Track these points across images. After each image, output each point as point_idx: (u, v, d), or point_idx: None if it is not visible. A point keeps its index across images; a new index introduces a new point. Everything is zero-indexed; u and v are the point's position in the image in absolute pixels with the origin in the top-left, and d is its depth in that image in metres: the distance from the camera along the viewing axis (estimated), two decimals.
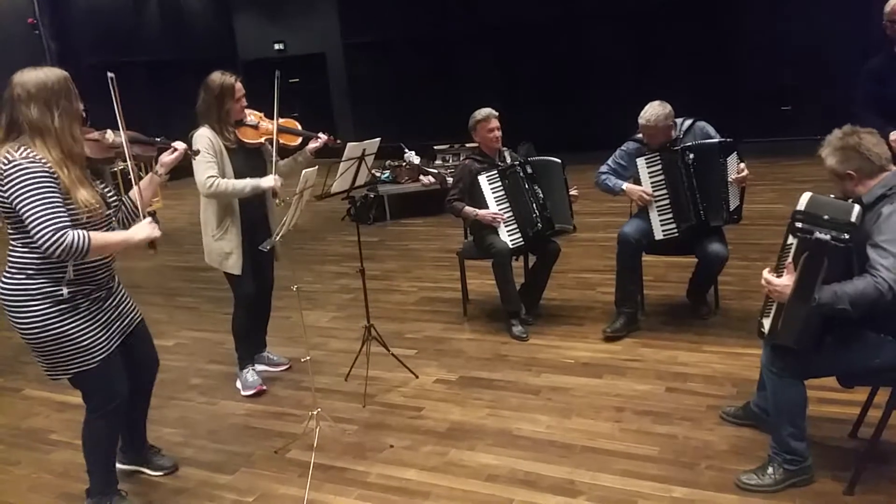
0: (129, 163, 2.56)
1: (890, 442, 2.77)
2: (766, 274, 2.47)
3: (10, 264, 2.45)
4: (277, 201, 3.45)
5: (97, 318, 2.56)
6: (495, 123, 4.25)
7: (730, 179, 3.85)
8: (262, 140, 3.56)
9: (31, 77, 2.36)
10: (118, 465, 3.01)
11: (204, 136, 3.41)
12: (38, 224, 2.26)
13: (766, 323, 2.56)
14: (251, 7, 13.99)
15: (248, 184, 3.43)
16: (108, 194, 2.60)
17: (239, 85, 3.50)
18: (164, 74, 11.46)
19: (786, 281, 2.38)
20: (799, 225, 2.35)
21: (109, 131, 2.58)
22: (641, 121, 3.88)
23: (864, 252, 2.33)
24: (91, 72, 9.79)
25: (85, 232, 2.32)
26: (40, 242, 2.26)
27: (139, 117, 2.69)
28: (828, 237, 2.26)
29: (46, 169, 2.31)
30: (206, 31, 13.65)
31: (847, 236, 2.25)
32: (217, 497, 2.90)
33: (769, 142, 3.75)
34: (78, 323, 2.48)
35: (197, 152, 3.16)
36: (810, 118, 9.94)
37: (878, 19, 3.61)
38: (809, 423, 2.67)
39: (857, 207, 2.32)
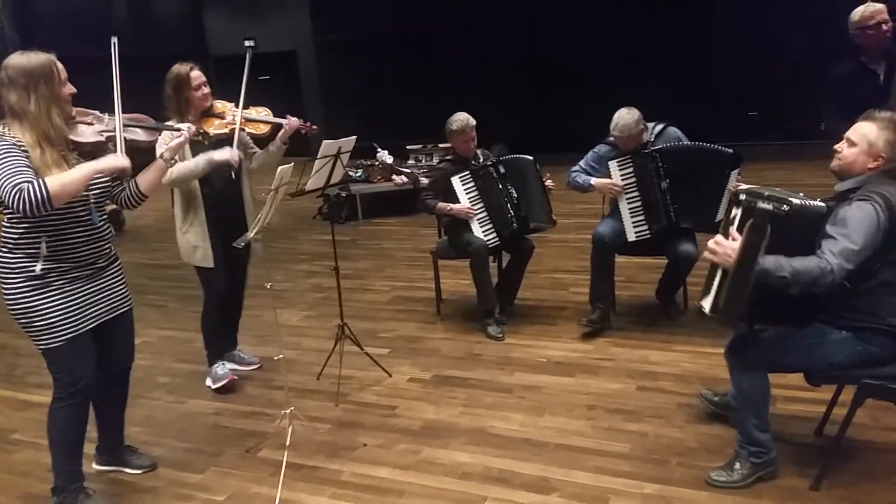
0: (119, 144, 2.51)
1: (854, 439, 2.83)
2: (712, 241, 2.45)
3: None
4: (234, 171, 3.38)
5: (69, 297, 2.54)
6: (471, 135, 4.25)
7: (730, 187, 3.83)
8: (229, 130, 3.45)
9: (14, 62, 2.40)
10: (95, 467, 2.98)
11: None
12: (3, 186, 2.27)
13: (707, 303, 2.57)
14: (222, 3, 13.83)
15: (200, 159, 3.31)
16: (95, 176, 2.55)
17: (196, 73, 3.42)
18: (133, 69, 11.26)
19: (733, 244, 2.38)
20: (742, 197, 2.44)
21: (107, 115, 2.59)
22: (615, 132, 3.91)
23: (816, 242, 2.36)
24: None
25: (38, 179, 2.30)
26: (7, 202, 2.28)
27: (108, 112, 2.66)
28: (769, 206, 2.31)
29: (17, 144, 2.35)
30: (176, 26, 13.45)
31: (787, 208, 2.28)
32: (187, 496, 2.86)
33: (736, 146, 3.83)
34: (46, 300, 2.49)
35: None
36: (777, 124, 10.21)
37: (842, 27, 3.70)
38: (777, 421, 2.73)
39: (798, 195, 2.34)
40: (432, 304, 4.80)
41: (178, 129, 2.85)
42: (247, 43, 3.38)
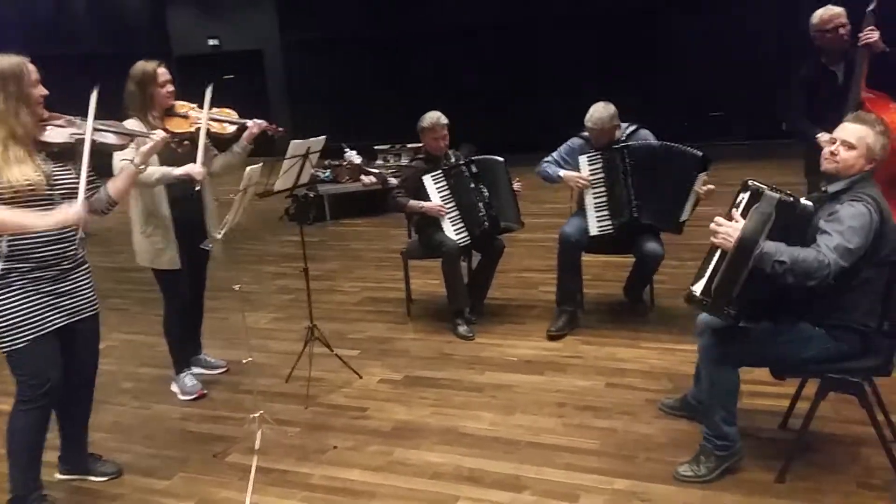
0: (85, 154, 2.48)
1: (818, 432, 2.90)
2: (713, 222, 2.51)
3: None
4: (213, 198, 3.34)
5: (32, 297, 2.50)
6: (441, 133, 4.25)
7: (699, 190, 3.86)
8: (193, 130, 3.33)
9: None
10: (58, 476, 2.91)
11: (130, 124, 3.26)
12: None
13: (699, 286, 2.60)
14: (186, 1, 13.61)
15: (157, 171, 3.22)
16: (61, 175, 2.55)
17: (162, 70, 3.35)
18: (94, 68, 11.03)
19: (735, 225, 2.45)
20: (751, 182, 2.52)
21: (78, 119, 2.57)
22: (588, 123, 3.97)
23: (808, 241, 2.42)
24: None
25: None
26: None
27: (67, 110, 2.63)
28: (778, 194, 2.42)
29: None
30: (138, 24, 13.20)
31: (793, 198, 2.39)
32: (155, 503, 2.80)
33: (700, 146, 3.90)
34: (8, 300, 2.45)
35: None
36: (739, 124, 10.41)
37: (804, 28, 3.78)
38: (742, 416, 2.77)
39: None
40: (402, 305, 4.78)
41: (150, 136, 2.82)
42: (208, 91, 3.29)
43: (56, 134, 2.55)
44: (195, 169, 3.15)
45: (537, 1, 11.00)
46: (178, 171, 3.21)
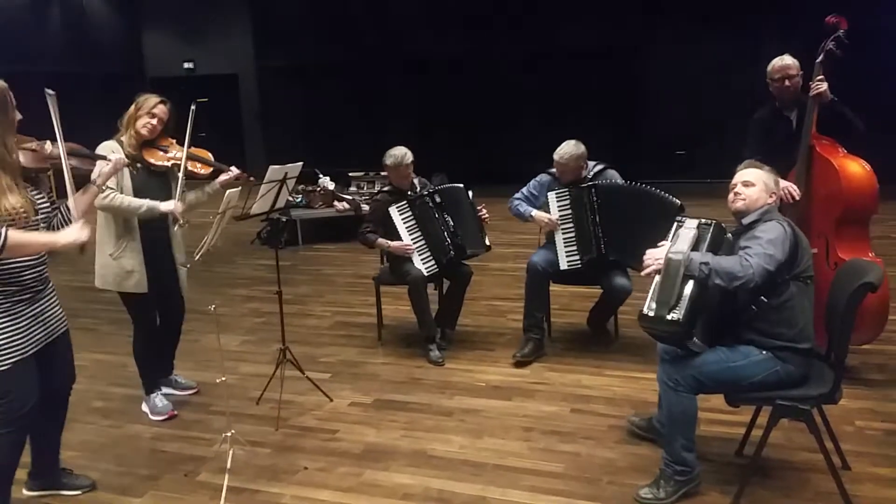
0: (66, 174, 2.54)
1: (771, 458, 3.04)
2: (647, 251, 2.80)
3: None
4: (179, 224, 3.40)
5: (15, 320, 2.52)
6: (406, 171, 4.35)
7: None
8: (170, 164, 3.48)
9: None
10: (27, 493, 2.91)
11: (107, 147, 3.35)
12: None
13: (646, 305, 2.76)
14: (161, 22, 13.66)
15: (144, 204, 3.35)
16: (41, 202, 2.60)
17: (159, 108, 3.46)
18: (67, 87, 10.98)
19: (661, 249, 2.74)
20: (679, 217, 2.94)
21: (48, 142, 2.57)
22: (556, 157, 4.14)
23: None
24: None
25: (3, 229, 2.30)
26: None
27: (39, 130, 2.66)
28: (697, 219, 2.82)
29: None
30: (113, 45, 13.19)
31: (713, 222, 2.77)
32: None
33: (665, 184, 4.10)
34: None
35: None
36: (702, 163, 10.76)
37: (761, 74, 4.00)
38: (700, 442, 2.90)
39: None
40: (373, 330, 4.85)
41: (108, 159, 2.89)
42: (192, 107, 3.45)
43: (31, 159, 2.56)
44: (177, 206, 3.36)
45: (512, 34, 11.31)
46: (163, 206, 3.36)
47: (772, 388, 2.70)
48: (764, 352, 2.71)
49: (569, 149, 4.11)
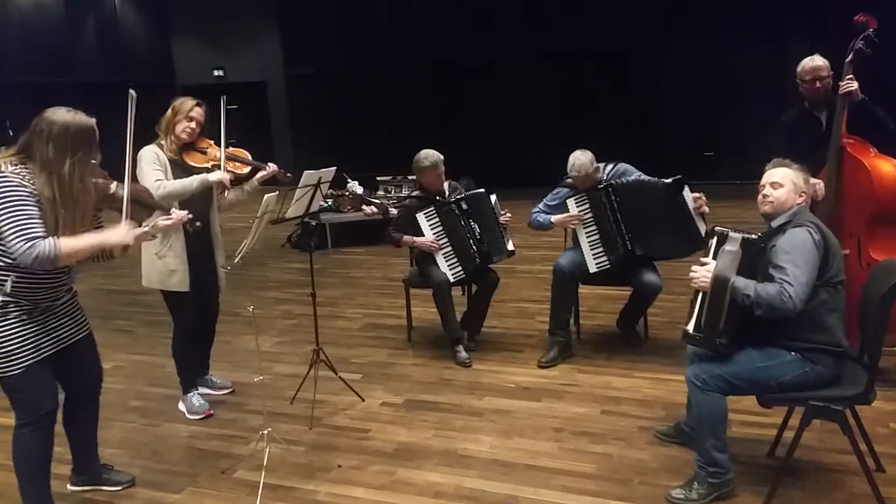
0: (123, 217, 2.59)
1: (803, 460, 3.03)
2: (693, 266, 2.81)
3: None
4: (194, 225, 3.46)
5: (27, 326, 2.58)
6: (441, 170, 4.39)
7: (692, 207, 4.08)
8: (209, 165, 3.60)
9: (58, 118, 2.45)
10: (70, 487, 2.99)
11: (148, 151, 3.49)
12: (13, 234, 2.34)
13: (691, 325, 2.83)
14: (191, 32, 13.92)
15: (195, 178, 3.47)
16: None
17: (197, 111, 3.58)
18: (101, 96, 11.24)
19: (708, 267, 2.75)
20: (717, 228, 2.88)
21: (115, 183, 2.65)
22: (572, 172, 4.16)
23: (767, 273, 2.68)
24: (23, 91, 9.55)
25: (54, 239, 2.39)
26: (14, 251, 2.35)
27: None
28: (741, 234, 2.77)
29: (34, 194, 2.41)
30: (145, 54, 13.47)
31: (756, 236, 2.75)
32: None
33: (693, 185, 4.10)
34: (4, 328, 2.53)
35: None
36: (731, 164, 10.67)
37: (791, 74, 3.98)
38: (731, 444, 2.89)
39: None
40: (403, 332, 4.91)
41: (171, 216, 2.84)
42: (223, 97, 3.57)
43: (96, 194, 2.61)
44: (225, 175, 3.51)
45: (534, 36, 11.33)
46: (212, 176, 3.50)
47: (803, 389, 2.70)
48: (793, 353, 2.71)
49: (580, 160, 4.13)
